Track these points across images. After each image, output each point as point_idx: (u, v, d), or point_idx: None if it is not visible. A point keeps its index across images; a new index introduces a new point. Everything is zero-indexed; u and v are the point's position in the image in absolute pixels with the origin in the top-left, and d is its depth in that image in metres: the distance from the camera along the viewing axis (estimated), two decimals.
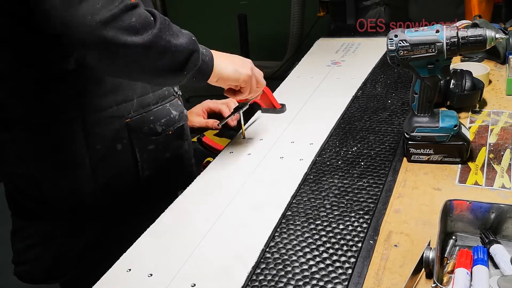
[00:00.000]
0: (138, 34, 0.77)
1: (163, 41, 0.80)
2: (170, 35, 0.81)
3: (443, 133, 0.94)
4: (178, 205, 0.93)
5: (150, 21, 0.79)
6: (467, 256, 0.70)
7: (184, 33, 0.85)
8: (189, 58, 0.84)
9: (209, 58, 0.90)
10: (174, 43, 0.81)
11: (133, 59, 0.79)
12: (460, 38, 0.85)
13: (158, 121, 1.00)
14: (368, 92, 1.33)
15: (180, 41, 0.83)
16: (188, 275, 0.74)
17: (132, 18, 0.76)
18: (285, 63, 3.43)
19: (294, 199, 0.89)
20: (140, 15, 0.78)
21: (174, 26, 0.84)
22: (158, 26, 0.79)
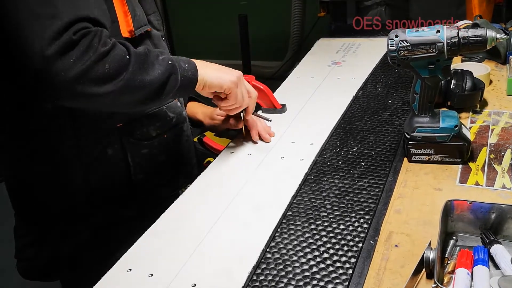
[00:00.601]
0: (111, 81, 0.78)
1: (136, 81, 0.81)
2: (144, 72, 0.82)
3: (444, 133, 0.94)
4: (179, 205, 0.93)
5: (124, 62, 0.79)
6: (467, 256, 0.70)
7: (160, 61, 0.85)
8: (165, 86, 0.85)
9: (192, 73, 0.90)
10: (148, 79, 0.82)
11: (107, 102, 0.81)
12: (461, 38, 0.85)
13: (153, 125, 0.99)
14: (368, 92, 1.33)
15: (155, 73, 0.83)
16: (189, 275, 0.74)
17: (105, 66, 0.77)
18: (285, 63, 3.43)
19: (295, 199, 0.89)
20: (114, 59, 0.78)
21: (152, 54, 0.85)
22: (131, 66, 0.80)
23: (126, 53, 0.80)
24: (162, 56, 0.86)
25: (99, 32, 0.77)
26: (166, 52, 0.92)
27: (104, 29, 0.79)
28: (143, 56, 0.83)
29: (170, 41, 4.04)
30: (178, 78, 0.86)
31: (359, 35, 1.80)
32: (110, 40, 0.79)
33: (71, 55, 0.73)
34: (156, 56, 0.85)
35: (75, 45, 0.74)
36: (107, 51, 0.77)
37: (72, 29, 0.74)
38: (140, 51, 0.83)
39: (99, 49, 0.76)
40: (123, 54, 0.79)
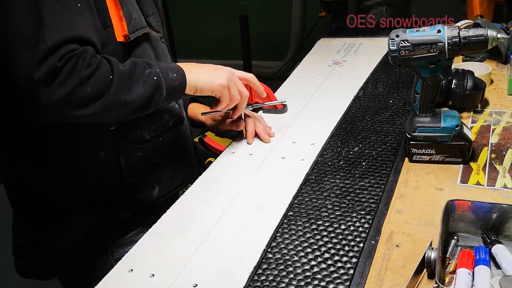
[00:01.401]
0: (92, 103, 0.79)
1: (119, 101, 0.82)
2: (127, 91, 0.83)
3: (445, 133, 0.94)
4: (180, 205, 0.93)
5: (107, 83, 0.81)
6: (469, 256, 0.70)
7: (145, 76, 0.86)
8: (149, 102, 0.87)
9: (180, 82, 0.91)
10: (131, 98, 0.84)
11: (91, 121, 0.84)
12: (462, 38, 0.85)
13: (147, 127, 0.99)
14: (369, 92, 1.33)
15: (138, 92, 0.84)
16: (190, 275, 0.74)
17: (87, 88, 0.78)
18: (286, 63, 3.43)
19: (296, 199, 0.89)
20: (96, 80, 0.79)
21: (138, 70, 0.85)
22: (114, 87, 0.81)
23: (110, 73, 0.81)
24: (148, 70, 0.86)
25: (84, 54, 0.78)
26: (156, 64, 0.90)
27: (89, 48, 0.80)
28: (127, 75, 0.83)
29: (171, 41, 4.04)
30: (163, 92, 0.88)
31: (360, 35, 1.80)
32: (95, 59, 0.80)
33: (54, 81, 0.75)
34: (142, 71, 0.86)
35: (59, 72, 0.76)
36: (90, 74, 0.78)
37: (57, 54, 0.75)
38: (124, 70, 0.84)
39: (81, 72, 0.77)
40: (106, 75, 0.81)
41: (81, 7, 0.80)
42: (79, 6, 0.80)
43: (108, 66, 0.82)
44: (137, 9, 0.96)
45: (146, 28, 0.97)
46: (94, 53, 0.81)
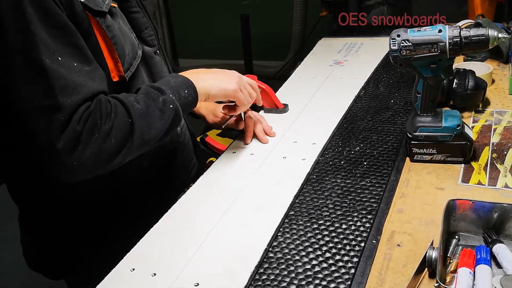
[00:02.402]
0: (120, 152, 0.79)
1: (143, 141, 0.82)
2: (149, 127, 0.82)
3: (446, 133, 0.94)
4: (181, 205, 0.93)
5: (127, 129, 0.79)
6: (470, 255, 0.70)
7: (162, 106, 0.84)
8: (171, 129, 0.87)
9: (192, 97, 0.90)
10: (154, 134, 0.83)
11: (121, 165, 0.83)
12: (463, 37, 0.85)
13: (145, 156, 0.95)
14: (370, 91, 1.33)
15: (159, 125, 0.83)
16: (192, 274, 0.74)
17: (112, 141, 0.78)
18: (287, 63, 3.43)
19: (297, 199, 0.90)
20: (117, 130, 0.78)
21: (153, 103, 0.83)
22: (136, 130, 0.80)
23: (127, 117, 0.80)
24: (162, 97, 0.84)
25: (99, 106, 0.77)
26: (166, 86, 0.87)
27: (101, 96, 0.79)
28: (144, 113, 0.82)
29: (173, 41, 4.05)
30: (180, 114, 0.87)
31: (361, 34, 1.80)
32: (110, 107, 0.79)
33: (79, 144, 0.75)
34: (156, 101, 0.84)
35: (81, 135, 0.75)
36: (111, 126, 0.78)
37: (74, 120, 0.74)
38: (140, 108, 0.81)
39: (103, 127, 0.77)
40: (125, 120, 0.80)
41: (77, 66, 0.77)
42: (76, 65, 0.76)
43: (124, 110, 0.80)
44: (129, 35, 0.93)
45: (140, 51, 0.95)
46: (106, 99, 0.80)
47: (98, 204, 0.97)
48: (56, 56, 0.74)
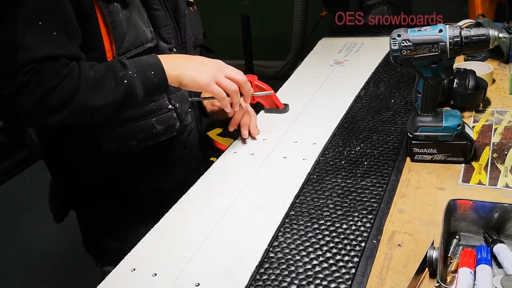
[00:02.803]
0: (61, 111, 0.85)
1: (84, 105, 0.86)
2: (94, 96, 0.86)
3: (447, 133, 0.94)
4: (182, 204, 0.93)
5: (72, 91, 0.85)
6: (470, 255, 0.70)
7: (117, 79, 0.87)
8: (123, 105, 0.90)
9: (159, 79, 0.91)
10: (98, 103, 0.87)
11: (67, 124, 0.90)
12: (463, 37, 0.85)
13: (134, 137, 1.01)
14: (371, 91, 1.33)
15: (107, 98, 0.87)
16: (192, 274, 0.74)
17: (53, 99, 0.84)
18: (288, 63, 3.43)
19: (298, 198, 0.90)
20: (62, 90, 0.84)
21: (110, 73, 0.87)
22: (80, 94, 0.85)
23: (76, 81, 0.85)
24: (122, 73, 0.88)
25: (51, 65, 0.84)
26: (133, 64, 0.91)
27: (62, 59, 0.85)
28: (95, 81, 0.87)
29: None
30: (138, 93, 0.89)
31: (361, 34, 1.80)
32: (65, 69, 0.85)
33: (22, 93, 0.82)
34: (114, 75, 0.88)
35: (26, 84, 0.82)
36: (56, 84, 0.83)
37: (22, 72, 0.82)
38: (93, 76, 0.86)
39: (48, 83, 0.83)
40: (72, 84, 0.85)
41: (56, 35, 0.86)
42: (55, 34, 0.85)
43: (77, 74, 0.85)
44: (138, 26, 0.98)
45: (150, 43, 1.00)
46: (65, 63, 0.85)
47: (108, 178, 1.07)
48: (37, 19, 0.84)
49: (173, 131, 1.06)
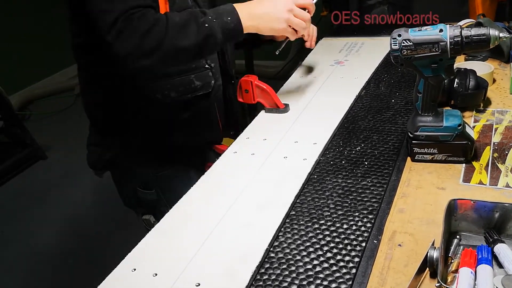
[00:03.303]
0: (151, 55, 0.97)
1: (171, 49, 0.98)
2: (179, 39, 0.98)
3: (447, 133, 0.94)
4: (183, 204, 0.93)
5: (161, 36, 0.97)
6: (471, 255, 0.70)
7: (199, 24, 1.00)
8: (204, 47, 1.02)
9: (234, 24, 1.04)
10: (183, 45, 0.99)
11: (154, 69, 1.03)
12: (464, 37, 0.85)
13: (176, 89, 1.13)
14: (371, 91, 1.33)
15: (190, 39, 0.99)
16: (193, 274, 0.74)
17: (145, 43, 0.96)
18: (288, 63, 3.43)
19: (298, 198, 0.90)
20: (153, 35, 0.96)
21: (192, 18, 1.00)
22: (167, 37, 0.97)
23: (164, 26, 0.97)
24: (202, 19, 1.01)
25: (142, 16, 0.96)
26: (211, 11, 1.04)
27: (149, 9, 0.98)
28: (180, 26, 0.99)
29: None
30: (217, 36, 1.02)
31: (362, 34, 1.80)
32: (153, 17, 0.97)
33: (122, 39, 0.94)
34: (196, 20, 1.00)
35: (123, 31, 0.94)
36: (148, 29, 0.95)
37: (121, 18, 0.94)
38: (178, 21, 0.99)
39: (140, 28, 0.95)
40: (161, 29, 0.97)
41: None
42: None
43: (165, 20, 0.98)
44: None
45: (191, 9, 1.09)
46: (153, 12, 0.98)
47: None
48: None
49: (209, 87, 1.17)
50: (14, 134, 3.31)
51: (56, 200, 2.89)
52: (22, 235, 2.57)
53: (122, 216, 2.60)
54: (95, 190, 2.86)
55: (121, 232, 2.44)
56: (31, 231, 2.60)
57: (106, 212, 2.69)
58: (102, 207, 2.74)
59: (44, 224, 2.65)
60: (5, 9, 4.18)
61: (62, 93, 4.52)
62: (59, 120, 4.03)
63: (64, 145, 3.47)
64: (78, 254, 2.40)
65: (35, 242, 2.50)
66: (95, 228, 2.58)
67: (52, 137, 3.62)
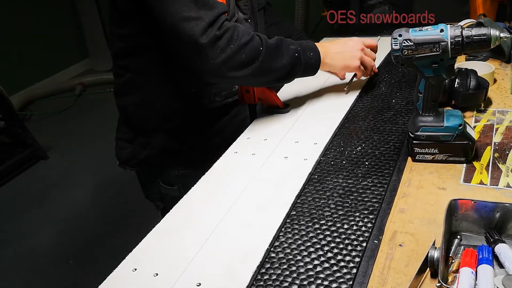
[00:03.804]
0: (245, 67, 1.01)
1: (265, 69, 1.04)
2: (273, 61, 1.05)
3: (448, 133, 0.94)
4: (183, 204, 0.93)
5: (257, 52, 1.02)
6: (472, 255, 0.70)
7: (289, 51, 1.07)
8: (289, 73, 1.09)
9: (315, 60, 1.14)
10: (275, 67, 1.05)
11: (241, 83, 1.10)
12: (465, 37, 0.85)
13: (219, 94, 1.18)
14: (372, 91, 1.33)
15: (282, 63, 1.06)
16: (193, 274, 0.74)
17: (242, 56, 1.00)
18: None
19: (299, 198, 0.90)
20: (250, 49, 1.01)
21: (284, 45, 1.07)
22: (262, 56, 1.02)
23: (260, 45, 1.02)
24: (292, 47, 1.08)
25: (236, 28, 1.01)
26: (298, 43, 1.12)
27: (240, 25, 1.02)
28: (274, 48, 1.05)
29: None
30: (301, 67, 1.10)
31: (362, 34, 1.79)
32: (248, 34, 1.01)
33: (218, 46, 0.97)
34: (287, 47, 1.07)
35: (220, 38, 0.97)
36: (245, 43, 1.00)
37: (215, 26, 0.97)
38: (272, 44, 1.05)
39: (238, 41, 0.99)
40: (257, 46, 1.02)
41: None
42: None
43: (259, 40, 1.03)
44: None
45: (236, 14, 1.15)
46: (244, 28, 1.02)
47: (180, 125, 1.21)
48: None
49: None
50: (15, 134, 3.31)
51: (57, 200, 2.89)
52: (23, 235, 2.57)
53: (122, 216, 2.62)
54: (95, 190, 2.87)
55: (121, 232, 2.45)
56: (32, 231, 2.61)
57: (106, 212, 2.69)
58: (102, 207, 2.74)
59: (45, 224, 2.65)
60: (5, 9, 4.19)
61: (63, 93, 4.53)
62: (60, 120, 4.04)
63: (65, 145, 3.48)
64: (79, 254, 2.40)
65: (36, 242, 2.50)
66: (96, 228, 2.58)
67: (53, 137, 3.63)
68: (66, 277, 2.25)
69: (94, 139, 3.40)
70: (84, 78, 4.69)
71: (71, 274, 2.27)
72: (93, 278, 0.81)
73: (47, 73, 4.72)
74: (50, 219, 2.70)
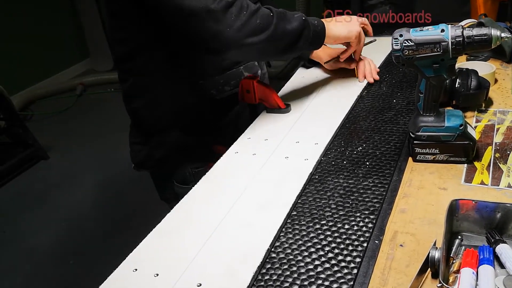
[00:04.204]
0: (261, 32, 1.02)
1: (279, 31, 1.05)
2: (285, 24, 1.07)
3: (449, 133, 0.93)
4: (184, 205, 0.93)
5: (270, 17, 1.04)
6: (473, 255, 0.70)
7: (296, 17, 1.09)
8: (301, 37, 1.10)
9: (320, 28, 1.16)
10: (289, 28, 1.07)
11: (259, 51, 1.06)
12: (466, 37, 0.85)
13: (228, 83, 1.20)
14: (373, 91, 1.33)
15: (293, 25, 1.08)
16: (194, 275, 0.74)
17: (257, 20, 1.02)
18: (289, 63, 3.43)
19: (300, 199, 0.90)
20: (263, 15, 1.03)
21: (289, 13, 1.10)
22: (275, 19, 1.04)
23: (270, 12, 1.05)
24: (297, 14, 1.10)
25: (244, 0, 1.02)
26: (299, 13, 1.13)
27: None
28: (282, 14, 1.07)
29: None
30: (310, 32, 1.12)
31: None
32: (255, 3, 1.04)
33: (231, 13, 0.98)
34: (292, 14, 1.10)
35: (232, 5, 0.99)
36: (257, 9, 1.02)
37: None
38: (279, 11, 1.07)
39: (249, 8, 1.01)
40: (268, 12, 1.04)
41: None
42: None
43: (266, 8, 1.05)
44: None
45: None
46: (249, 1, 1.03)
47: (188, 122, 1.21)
48: None
49: (256, 77, 1.23)
50: (16, 134, 3.32)
51: (57, 200, 2.89)
52: (23, 235, 2.57)
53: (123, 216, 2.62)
54: (96, 190, 2.87)
55: (122, 232, 2.45)
56: (32, 231, 2.61)
57: (107, 212, 2.69)
58: (103, 207, 2.74)
59: (45, 224, 2.65)
60: (5, 9, 4.19)
61: (64, 94, 4.53)
62: (60, 120, 4.04)
63: (66, 145, 3.48)
64: (79, 254, 2.40)
65: (36, 242, 2.50)
66: (96, 228, 2.58)
67: (53, 137, 3.63)
68: (66, 277, 2.24)
69: (94, 139, 3.41)
70: (84, 78, 4.69)
71: (71, 274, 2.27)
72: (93, 278, 0.81)
73: (47, 73, 4.72)
74: (50, 219, 2.70)
